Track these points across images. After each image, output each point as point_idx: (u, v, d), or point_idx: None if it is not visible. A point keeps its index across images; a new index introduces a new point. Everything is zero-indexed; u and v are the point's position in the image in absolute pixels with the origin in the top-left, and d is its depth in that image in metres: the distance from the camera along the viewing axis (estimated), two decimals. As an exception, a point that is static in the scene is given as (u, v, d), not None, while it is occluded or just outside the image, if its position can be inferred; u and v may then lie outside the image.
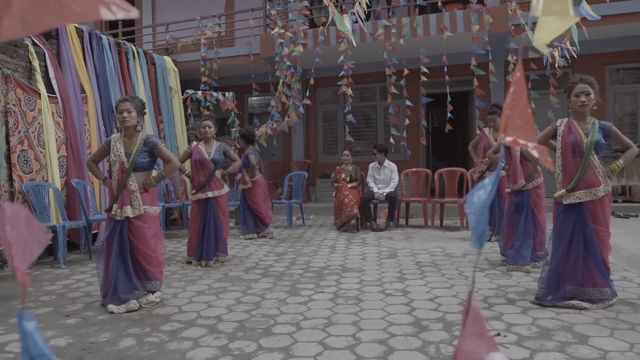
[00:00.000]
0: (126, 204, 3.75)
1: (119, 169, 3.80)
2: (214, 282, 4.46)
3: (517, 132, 0.76)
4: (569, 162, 3.55)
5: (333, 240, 6.64)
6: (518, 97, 0.77)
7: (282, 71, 8.78)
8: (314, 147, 10.89)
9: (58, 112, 6.22)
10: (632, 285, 3.99)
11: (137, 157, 3.79)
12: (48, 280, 4.65)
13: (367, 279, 4.46)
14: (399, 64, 8.29)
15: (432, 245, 6.05)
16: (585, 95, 3.45)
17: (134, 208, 3.76)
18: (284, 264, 5.18)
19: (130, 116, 3.79)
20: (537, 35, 0.82)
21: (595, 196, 3.45)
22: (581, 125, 3.54)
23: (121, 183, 3.78)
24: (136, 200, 3.77)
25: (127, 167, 3.77)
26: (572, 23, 0.79)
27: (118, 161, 3.80)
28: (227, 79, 10.80)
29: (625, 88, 8.77)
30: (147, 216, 3.82)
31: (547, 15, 0.77)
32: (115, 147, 3.84)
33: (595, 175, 3.47)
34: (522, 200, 4.70)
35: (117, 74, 7.74)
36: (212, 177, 5.30)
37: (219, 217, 5.31)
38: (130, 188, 3.77)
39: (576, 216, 3.50)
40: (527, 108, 0.77)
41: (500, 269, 4.71)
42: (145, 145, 3.86)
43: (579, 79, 3.50)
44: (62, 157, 6.19)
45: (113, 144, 3.85)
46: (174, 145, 9.30)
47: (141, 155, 3.83)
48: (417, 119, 9.26)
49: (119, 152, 3.81)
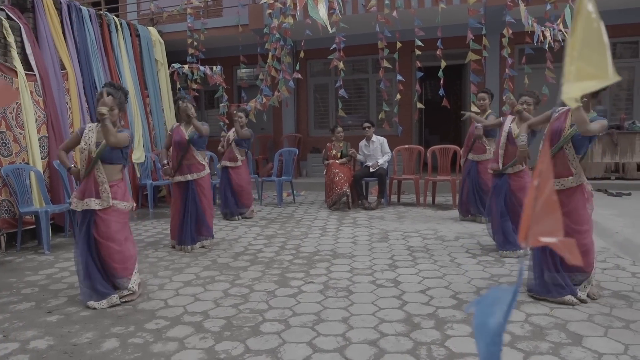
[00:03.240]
0: (90, 196, 3.59)
1: (86, 157, 3.62)
2: (201, 271, 4.36)
3: (541, 227, 0.63)
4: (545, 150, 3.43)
5: (324, 221, 6.54)
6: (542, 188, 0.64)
7: (272, 44, 8.47)
8: (304, 121, 10.67)
9: (37, 91, 5.97)
10: (625, 275, 3.94)
11: (105, 147, 3.59)
12: (31, 269, 4.53)
13: (357, 266, 4.39)
14: (392, 36, 8.02)
15: (424, 227, 5.97)
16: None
17: (102, 200, 3.60)
18: (274, 249, 5.09)
19: (111, 114, 3.59)
20: (566, 89, 0.69)
21: (563, 186, 3.36)
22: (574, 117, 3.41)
23: (86, 171, 3.60)
24: (104, 192, 3.60)
25: (93, 156, 3.59)
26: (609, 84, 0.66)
27: (87, 150, 3.61)
28: (214, 50, 10.46)
29: (621, 63, 8.58)
30: (114, 210, 3.63)
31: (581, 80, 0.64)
32: (87, 136, 3.64)
33: (567, 167, 3.38)
34: (501, 183, 4.56)
35: (99, 47, 7.43)
36: (186, 155, 5.11)
37: (200, 200, 5.14)
38: (99, 180, 3.60)
39: None
40: (552, 195, 0.64)
41: (493, 254, 4.65)
42: None
43: None
44: (43, 137, 5.98)
45: (86, 133, 3.66)
46: (162, 120, 9.07)
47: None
48: (410, 93, 9.06)
49: (90, 140, 3.62)
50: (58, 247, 5.39)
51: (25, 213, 5.27)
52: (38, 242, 5.51)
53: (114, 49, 7.84)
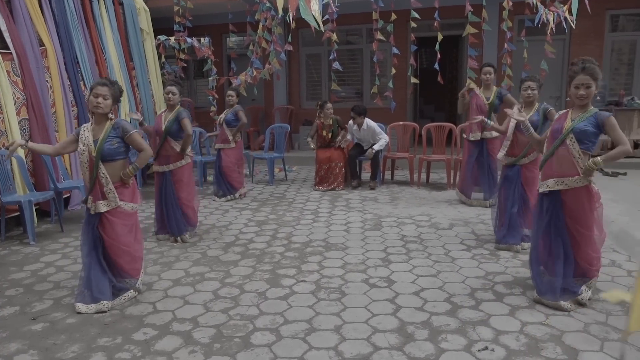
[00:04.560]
0: (98, 199, 3.46)
1: (87, 158, 3.46)
2: (191, 266, 4.27)
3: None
4: (549, 146, 3.37)
5: (316, 203, 6.43)
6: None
7: (262, 13, 8.10)
8: (296, 92, 10.39)
9: (14, 70, 5.67)
10: (621, 273, 3.90)
11: (104, 144, 3.44)
12: (16, 264, 4.41)
13: (350, 260, 4.31)
14: (387, 6, 7.68)
15: (417, 211, 5.88)
16: (585, 88, 3.19)
17: (108, 201, 3.47)
18: (265, 238, 5.00)
19: (105, 104, 3.45)
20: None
21: (567, 186, 3.25)
22: (575, 114, 3.29)
23: (92, 174, 3.46)
24: (110, 192, 3.47)
25: (94, 155, 3.43)
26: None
27: (86, 150, 3.46)
28: (202, 18, 10.02)
29: (624, 36, 8.32)
30: (121, 211, 3.53)
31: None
32: (83, 136, 3.48)
33: (573, 165, 3.23)
34: (513, 174, 4.49)
35: (80, 19, 7.03)
36: (163, 144, 4.90)
37: (177, 192, 4.90)
38: (102, 181, 3.45)
39: (551, 206, 3.34)
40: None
41: (488, 246, 4.59)
42: (114, 130, 3.51)
43: (580, 68, 3.20)
44: (24, 119, 5.73)
45: (82, 133, 3.50)
46: (149, 93, 8.75)
47: (109, 141, 3.47)
48: (405, 66, 8.77)
49: (87, 140, 3.46)
50: (44, 236, 5.26)
51: (8, 203, 5.10)
52: (23, 230, 5.36)
53: (95, 20, 7.44)
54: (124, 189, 3.56)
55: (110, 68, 7.54)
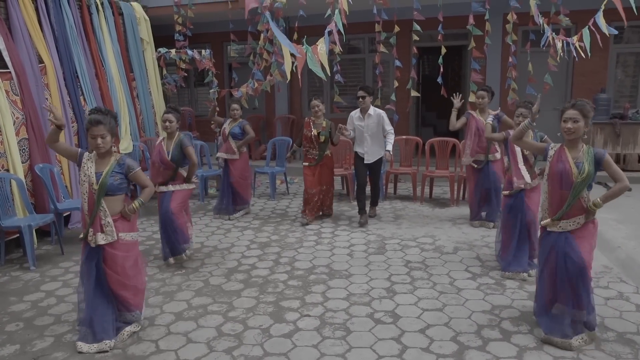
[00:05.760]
0: (98, 231, 3.41)
1: (87, 190, 3.41)
2: (193, 297, 4.21)
3: None
4: (555, 192, 3.34)
5: (319, 222, 6.37)
6: None
7: (264, 24, 8.02)
8: (298, 101, 10.31)
9: (13, 90, 5.60)
10: (629, 307, 3.84)
11: (108, 178, 3.39)
12: (16, 293, 4.36)
13: (354, 290, 4.26)
14: (390, 19, 7.61)
15: (421, 232, 5.83)
16: (572, 122, 3.21)
17: (106, 235, 3.42)
18: (268, 264, 4.94)
19: (105, 141, 3.39)
20: None
21: (579, 224, 3.28)
22: (572, 154, 3.29)
23: (93, 207, 3.41)
24: (108, 226, 3.42)
25: (95, 188, 3.38)
26: None
27: (87, 182, 3.40)
28: (203, 26, 9.94)
29: (629, 48, 8.24)
30: (122, 243, 3.48)
31: None
32: (86, 166, 3.42)
33: (581, 206, 3.27)
34: (517, 203, 4.45)
35: (80, 32, 6.96)
36: (176, 175, 4.89)
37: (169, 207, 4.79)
38: (101, 214, 3.40)
39: (558, 240, 3.32)
40: None
41: (493, 274, 4.54)
42: (119, 166, 3.47)
43: (571, 104, 3.24)
44: (23, 139, 5.66)
45: (84, 162, 3.44)
46: (149, 103, 8.69)
47: (112, 176, 3.42)
48: (407, 76, 8.69)
49: (89, 171, 3.41)
50: (44, 259, 5.20)
51: (8, 228, 5.04)
52: (23, 252, 5.29)
53: (95, 32, 7.37)
54: (121, 222, 3.51)
55: (110, 80, 7.47)
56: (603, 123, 7.90)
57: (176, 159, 4.84)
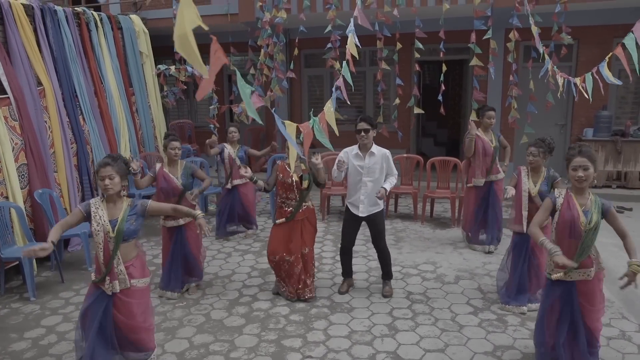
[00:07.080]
0: (114, 278, 3.35)
1: (103, 239, 3.34)
2: (195, 334, 4.19)
3: None
4: (564, 241, 3.28)
5: (319, 244, 6.34)
6: None
7: (264, 40, 7.97)
8: (298, 114, 10.27)
9: (12, 115, 5.56)
10: (632, 348, 3.83)
11: (124, 224, 3.33)
12: (16, 329, 4.34)
13: (356, 327, 4.25)
14: (391, 37, 7.56)
15: (422, 258, 5.81)
16: (583, 170, 3.15)
17: (120, 282, 3.38)
18: (269, 295, 4.92)
19: (113, 183, 3.30)
20: None
21: (589, 276, 3.25)
22: (580, 201, 3.25)
23: (110, 256, 3.33)
24: (121, 274, 3.37)
25: (112, 236, 3.32)
26: None
27: (102, 231, 3.32)
28: (202, 37, 9.80)
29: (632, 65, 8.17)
30: (135, 290, 3.42)
31: None
32: (97, 215, 3.32)
33: (589, 256, 3.24)
34: (522, 242, 4.45)
35: (79, 51, 6.91)
36: (180, 202, 4.84)
37: (189, 243, 4.88)
38: (113, 261, 3.36)
39: (564, 291, 3.31)
40: None
41: (494, 308, 4.53)
42: (132, 209, 3.40)
43: (577, 151, 3.18)
44: (22, 165, 5.63)
45: (94, 211, 3.33)
46: (149, 117, 8.65)
47: (128, 221, 3.36)
48: (409, 89, 8.66)
49: (102, 220, 3.32)
50: (44, 288, 5.18)
51: (8, 259, 5.02)
52: (23, 280, 5.27)
53: (94, 48, 7.31)
54: (133, 269, 3.46)
55: (109, 98, 7.44)
56: (604, 140, 7.89)
57: (186, 185, 4.86)
